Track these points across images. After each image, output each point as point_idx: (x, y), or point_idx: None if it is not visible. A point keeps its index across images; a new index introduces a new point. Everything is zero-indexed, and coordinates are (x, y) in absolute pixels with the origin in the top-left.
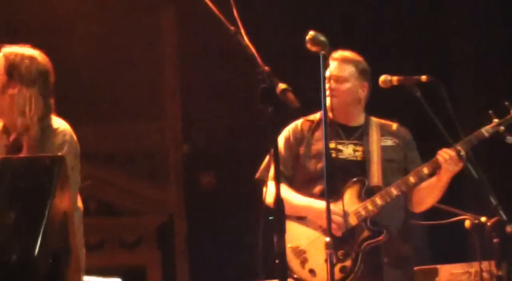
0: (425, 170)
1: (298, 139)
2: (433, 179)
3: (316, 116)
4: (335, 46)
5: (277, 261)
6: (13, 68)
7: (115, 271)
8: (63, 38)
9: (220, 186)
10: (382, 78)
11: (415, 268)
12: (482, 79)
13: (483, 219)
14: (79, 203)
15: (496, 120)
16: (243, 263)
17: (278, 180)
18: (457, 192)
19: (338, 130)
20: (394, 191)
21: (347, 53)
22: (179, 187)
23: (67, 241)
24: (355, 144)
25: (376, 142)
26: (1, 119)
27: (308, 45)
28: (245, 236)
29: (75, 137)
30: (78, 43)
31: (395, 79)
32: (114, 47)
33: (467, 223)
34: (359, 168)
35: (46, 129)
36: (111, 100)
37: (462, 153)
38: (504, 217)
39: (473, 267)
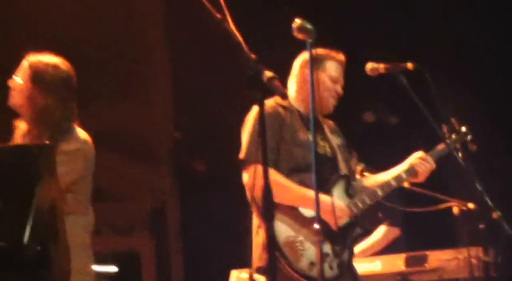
0: (404, 176)
1: (280, 122)
2: None
3: (279, 100)
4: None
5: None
6: (37, 76)
7: (108, 257)
8: (53, 20)
9: (212, 171)
10: (370, 66)
11: (406, 254)
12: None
13: (470, 205)
14: (91, 211)
15: (453, 137)
16: (237, 249)
17: (265, 166)
18: (445, 180)
19: (306, 121)
20: (379, 192)
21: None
22: (171, 173)
23: (55, 227)
24: (321, 139)
25: (332, 139)
26: (25, 122)
27: (295, 33)
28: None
29: (93, 150)
30: (69, 27)
31: (382, 67)
32: (107, 32)
33: (455, 210)
34: (331, 163)
35: (67, 133)
36: (103, 86)
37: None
38: (490, 203)
39: (462, 253)
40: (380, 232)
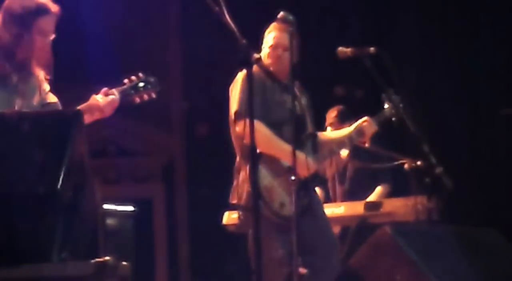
0: (354, 136)
1: (263, 83)
2: None
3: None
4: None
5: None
6: None
7: (127, 201)
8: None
9: (213, 134)
10: (340, 49)
11: (366, 200)
12: None
13: (418, 162)
14: None
15: (389, 104)
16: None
17: (252, 120)
18: (399, 141)
19: (279, 86)
20: (336, 149)
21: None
22: (180, 135)
23: (84, 177)
24: (293, 100)
25: (301, 99)
26: None
27: (280, 23)
28: None
29: None
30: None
31: (349, 50)
32: (130, 22)
33: (406, 166)
34: (301, 121)
35: None
36: (128, 67)
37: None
38: (434, 161)
39: (410, 200)
40: None
